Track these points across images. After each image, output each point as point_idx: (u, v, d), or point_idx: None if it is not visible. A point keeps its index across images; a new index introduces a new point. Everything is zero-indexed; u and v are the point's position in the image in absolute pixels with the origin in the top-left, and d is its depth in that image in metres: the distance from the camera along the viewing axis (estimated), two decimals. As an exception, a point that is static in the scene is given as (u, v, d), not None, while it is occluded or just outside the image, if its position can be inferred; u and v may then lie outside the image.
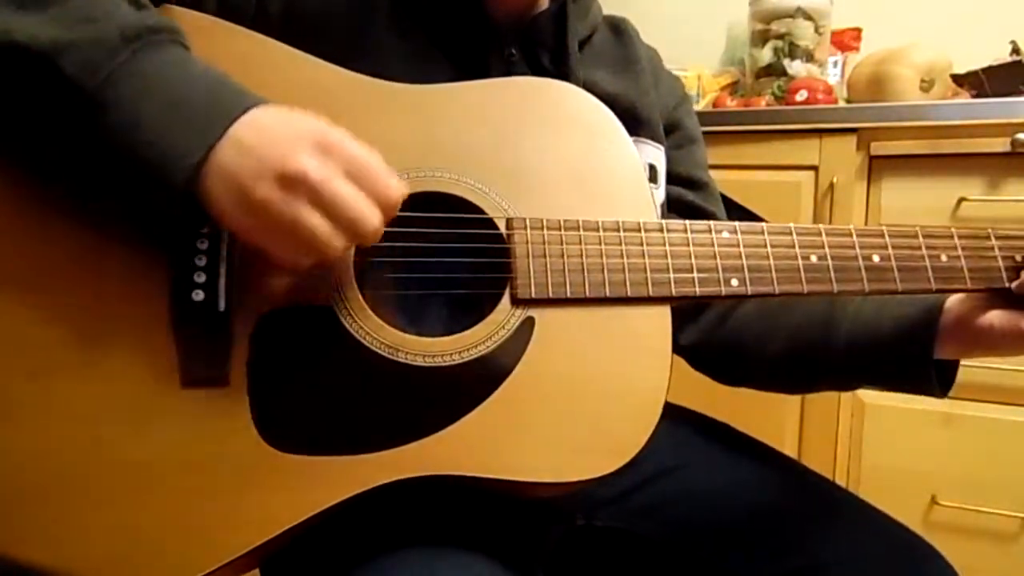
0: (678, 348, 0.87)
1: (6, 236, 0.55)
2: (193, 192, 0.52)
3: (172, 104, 0.52)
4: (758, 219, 0.80)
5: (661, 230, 0.64)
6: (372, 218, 0.53)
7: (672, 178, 0.85)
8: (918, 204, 1.43)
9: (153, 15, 0.56)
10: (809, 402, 1.53)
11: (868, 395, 1.46)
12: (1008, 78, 1.45)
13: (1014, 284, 0.66)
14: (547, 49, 0.76)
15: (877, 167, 1.46)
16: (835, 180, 1.47)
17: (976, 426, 1.39)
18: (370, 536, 0.61)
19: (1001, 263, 0.67)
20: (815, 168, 1.50)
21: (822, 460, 1.50)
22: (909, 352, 0.70)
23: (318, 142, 0.52)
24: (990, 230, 0.68)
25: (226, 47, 0.63)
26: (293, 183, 0.51)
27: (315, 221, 0.51)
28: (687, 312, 0.87)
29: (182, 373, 0.56)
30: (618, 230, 0.63)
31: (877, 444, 1.47)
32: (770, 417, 1.50)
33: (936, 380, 0.71)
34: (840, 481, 1.49)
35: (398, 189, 0.55)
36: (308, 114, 0.54)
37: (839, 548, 0.71)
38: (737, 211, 0.94)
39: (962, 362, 0.73)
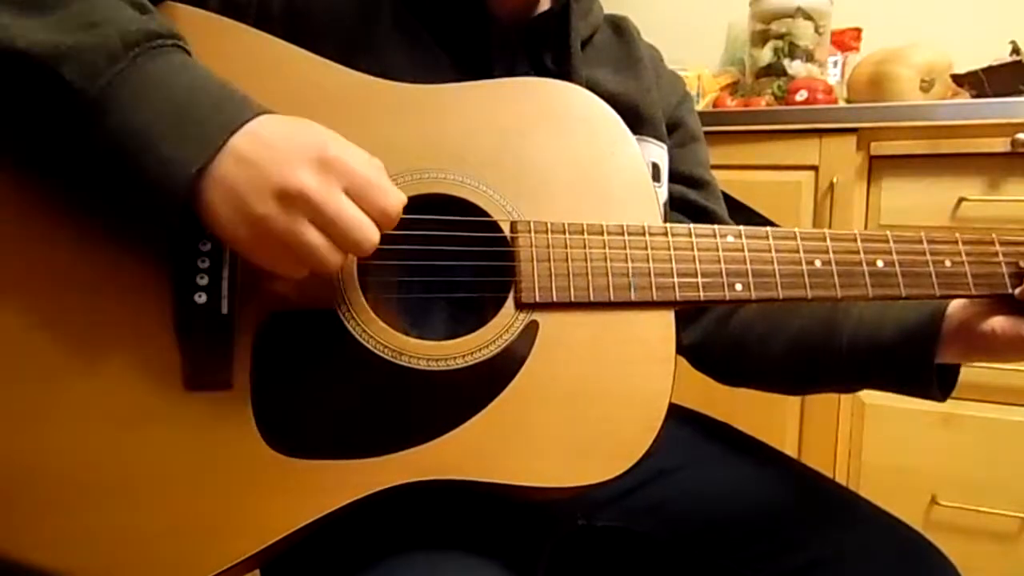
0: (680, 348, 0.87)
1: (8, 240, 0.55)
2: (191, 202, 0.52)
3: (172, 112, 0.52)
4: (764, 220, 0.80)
5: (665, 234, 0.64)
6: (371, 235, 0.53)
7: (674, 176, 0.85)
8: (918, 204, 1.43)
9: (156, 20, 0.56)
10: (809, 402, 1.53)
11: (868, 395, 1.46)
12: (1008, 78, 1.45)
13: (1017, 290, 0.66)
14: (550, 49, 0.76)
15: (877, 167, 1.46)
16: (835, 180, 1.47)
17: (976, 426, 1.39)
18: (373, 540, 0.61)
19: (1005, 269, 0.67)
20: (815, 168, 1.50)
21: (822, 460, 1.50)
22: (911, 356, 0.70)
23: (319, 157, 0.52)
24: (994, 236, 0.68)
25: (228, 46, 0.62)
26: (292, 200, 0.51)
27: (313, 237, 0.51)
28: (689, 313, 0.87)
29: (185, 376, 0.56)
30: (622, 233, 0.63)
31: (877, 444, 1.47)
32: (770, 417, 1.50)
33: (937, 384, 0.71)
34: (840, 481, 1.49)
35: (398, 205, 0.54)
36: (311, 124, 0.54)
37: (841, 546, 0.71)
38: (743, 212, 0.94)
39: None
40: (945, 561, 0.72)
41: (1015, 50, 1.54)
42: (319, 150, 0.52)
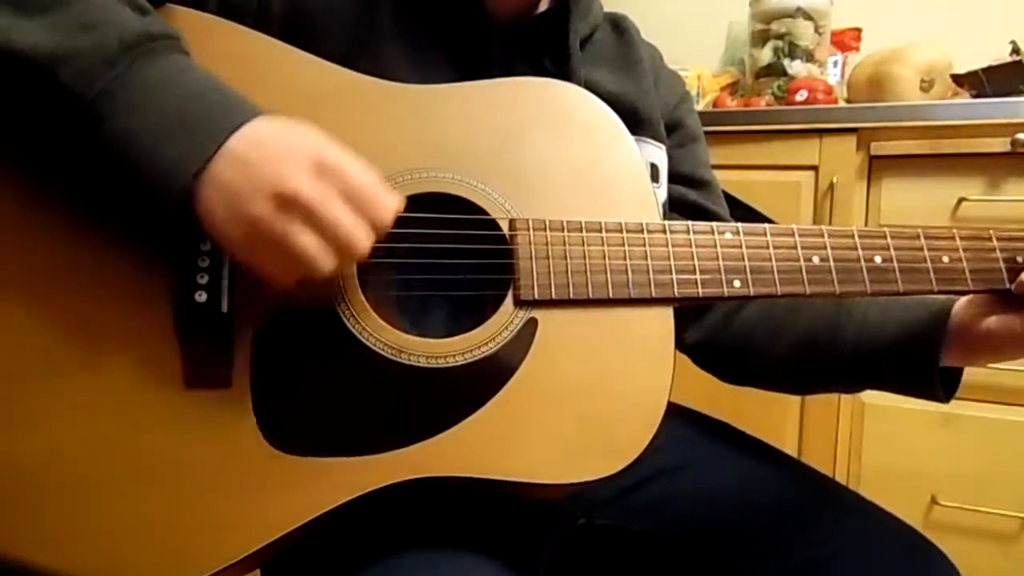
0: (683, 347, 0.87)
1: (9, 239, 0.55)
2: (189, 204, 0.52)
3: (170, 115, 0.52)
4: (764, 218, 0.80)
5: (664, 231, 0.64)
6: (364, 240, 0.53)
7: (674, 177, 0.85)
8: (918, 204, 1.43)
9: (155, 21, 0.56)
10: (809, 402, 1.53)
11: (868, 395, 1.46)
12: (1008, 78, 1.45)
13: (1014, 285, 0.66)
14: (549, 49, 0.76)
15: (877, 167, 1.46)
16: (835, 180, 1.47)
17: (976, 426, 1.39)
18: (373, 538, 0.61)
19: (1002, 264, 0.67)
20: (815, 168, 1.50)
21: (822, 460, 1.50)
22: (915, 358, 0.70)
23: (315, 160, 0.52)
24: (991, 231, 0.68)
25: (227, 47, 0.62)
26: (287, 202, 0.51)
27: (306, 241, 0.51)
28: (692, 311, 0.87)
29: (185, 374, 0.56)
30: (621, 231, 0.63)
31: (877, 444, 1.47)
32: (770, 417, 1.50)
33: (941, 386, 0.71)
34: (840, 481, 1.49)
35: (392, 210, 0.55)
36: (308, 127, 0.54)
37: (841, 545, 0.71)
38: (743, 211, 0.94)
39: (963, 363, 0.73)
40: (945, 560, 0.72)
41: (1015, 50, 1.54)
42: (316, 154, 0.52)
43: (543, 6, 0.77)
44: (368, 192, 0.53)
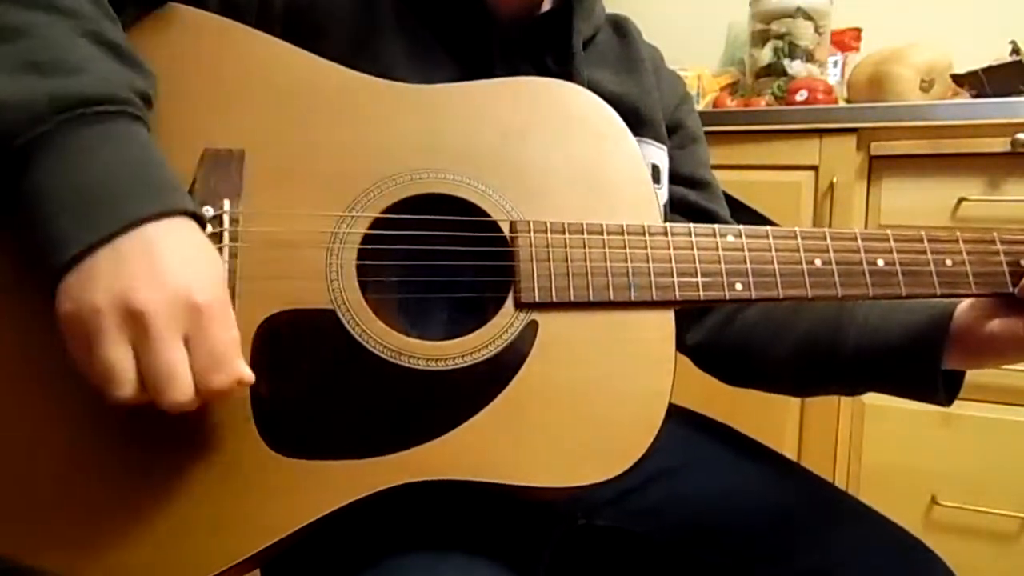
0: (684, 348, 0.87)
1: (6, 240, 0.55)
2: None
3: (82, 187, 0.49)
4: (766, 220, 0.80)
5: (665, 233, 0.64)
6: (177, 394, 0.49)
7: (675, 178, 0.85)
8: (918, 204, 1.43)
9: (116, 75, 0.53)
10: (809, 402, 1.53)
11: (868, 395, 1.44)
12: (1008, 78, 1.45)
13: (1017, 288, 0.66)
14: (551, 49, 0.76)
15: (877, 167, 1.46)
16: (835, 180, 1.47)
17: (976, 426, 1.40)
18: (373, 540, 0.61)
19: (1006, 268, 0.67)
20: (815, 168, 1.50)
21: (822, 460, 1.50)
22: (917, 361, 0.70)
23: (186, 300, 0.49)
24: (995, 234, 0.68)
25: (227, 46, 0.62)
26: (131, 316, 0.48)
27: (120, 357, 0.48)
28: (693, 313, 0.87)
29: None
30: (622, 233, 0.63)
31: (877, 444, 1.48)
32: (770, 417, 1.50)
33: (943, 389, 0.71)
34: (840, 481, 1.49)
35: (234, 378, 0.51)
36: (211, 262, 0.52)
37: (841, 551, 0.71)
38: (745, 212, 0.93)
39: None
40: (944, 568, 0.72)
41: (1015, 50, 1.54)
42: (191, 292, 0.50)
43: (546, 6, 0.77)
44: (219, 351, 0.50)
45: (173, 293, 0.49)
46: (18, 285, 0.54)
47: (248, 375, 0.52)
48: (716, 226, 0.65)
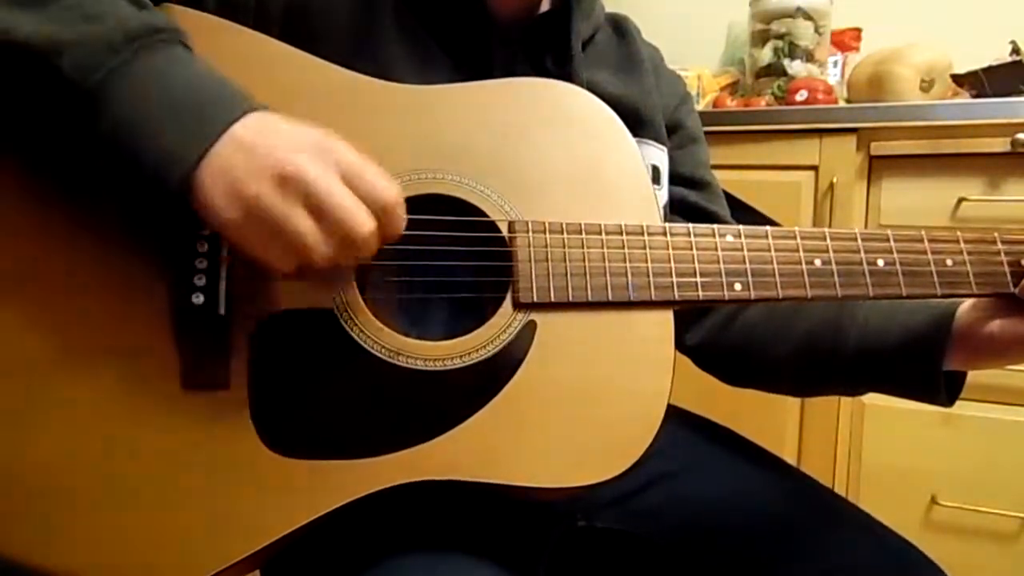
0: (684, 348, 0.87)
1: (5, 239, 0.55)
2: (188, 193, 0.51)
3: (171, 105, 0.52)
4: (766, 220, 0.80)
5: (664, 233, 0.64)
6: (363, 224, 0.52)
7: (674, 179, 0.85)
8: (918, 204, 1.43)
9: (156, 14, 0.56)
10: (809, 403, 1.53)
11: (868, 395, 1.44)
12: (1008, 78, 1.45)
13: (1018, 288, 0.66)
14: (550, 50, 0.75)
15: (877, 167, 1.46)
16: (835, 180, 1.47)
17: (976, 426, 1.39)
18: (373, 540, 0.61)
19: (1007, 268, 0.66)
20: (815, 168, 1.50)
21: (822, 460, 1.50)
22: (918, 363, 0.70)
23: (318, 144, 0.52)
24: (996, 234, 0.67)
25: (227, 47, 0.62)
26: (287, 181, 0.51)
27: (304, 223, 0.51)
28: (693, 313, 0.87)
29: (183, 377, 0.56)
30: (621, 233, 0.63)
31: (877, 444, 1.47)
32: (770, 418, 1.50)
33: (944, 390, 0.70)
34: (840, 481, 1.49)
35: (395, 195, 0.54)
36: (307, 123, 0.54)
37: (841, 559, 0.71)
38: (745, 212, 0.93)
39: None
40: (940, 574, 0.72)
41: (1015, 50, 1.54)
42: (318, 140, 0.53)
43: (545, 6, 0.77)
44: (369, 174, 0.53)
45: (307, 146, 0.52)
46: (8, 283, 0.54)
47: (399, 188, 0.55)
48: (715, 226, 0.65)
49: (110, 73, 0.51)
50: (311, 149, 0.52)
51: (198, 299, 0.56)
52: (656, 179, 0.79)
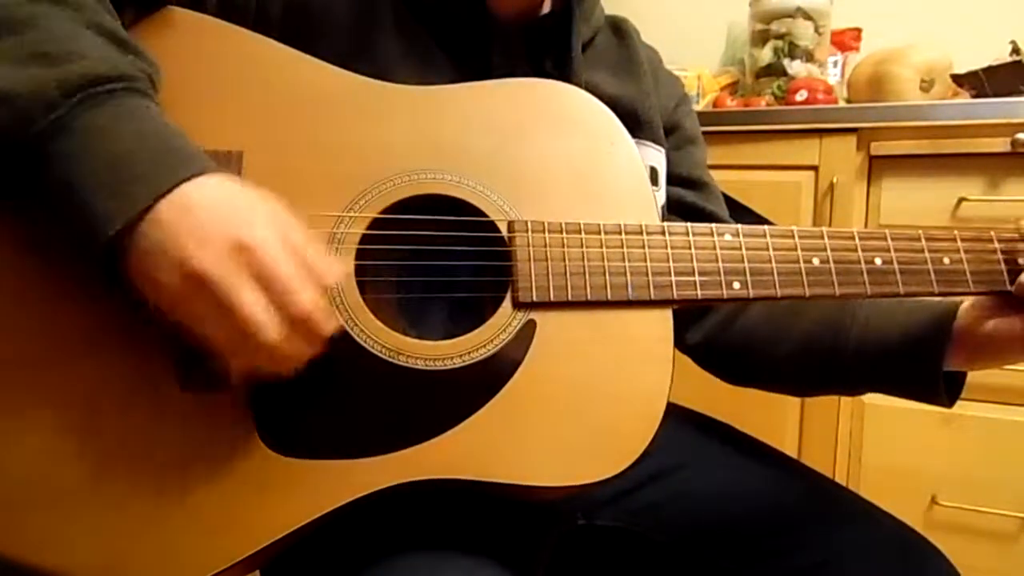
0: (685, 347, 0.87)
1: (4, 239, 0.55)
2: (115, 262, 0.50)
3: (109, 165, 0.49)
4: (763, 221, 0.80)
5: (663, 232, 0.64)
6: (305, 296, 0.50)
7: (672, 179, 0.85)
8: (918, 204, 1.43)
9: (119, 58, 0.53)
10: (809, 402, 1.53)
11: (868, 395, 1.45)
12: (1008, 78, 1.45)
13: (1015, 287, 0.66)
14: (550, 52, 0.76)
15: (877, 167, 1.46)
16: (835, 180, 1.47)
17: (976, 426, 1.39)
18: (373, 540, 0.61)
19: (1003, 266, 0.67)
20: (815, 168, 1.50)
21: (822, 460, 1.50)
22: (918, 363, 0.70)
23: (236, 240, 0.49)
24: (992, 232, 0.68)
25: (225, 49, 0.62)
26: (242, 251, 0.48)
27: (255, 297, 0.48)
28: (694, 312, 0.87)
29: (181, 376, 0.56)
30: (620, 232, 0.63)
31: (877, 444, 1.47)
32: (770, 417, 1.50)
33: (944, 390, 0.71)
34: (840, 481, 1.49)
35: (336, 273, 0.53)
36: (252, 199, 0.52)
37: (840, 547, 0.71)
38: (743, 214, 0.93)
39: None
40: (945, 561, 0.72)
41: (1015, 50, 1.54)
42: (237, 233, 0.49)
43: (546, 8, 0.77)
44: (310, 254, 0.51)
45: (263, 217, 0.50)
46: (7, 284, 0.54)
47: (338, 271, 0.53)
48: (713, 225, 0.65)
49: (45, 129, 0.49)
50: (227, 244, 0.49)
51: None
52: (654, 180, 0.79)
